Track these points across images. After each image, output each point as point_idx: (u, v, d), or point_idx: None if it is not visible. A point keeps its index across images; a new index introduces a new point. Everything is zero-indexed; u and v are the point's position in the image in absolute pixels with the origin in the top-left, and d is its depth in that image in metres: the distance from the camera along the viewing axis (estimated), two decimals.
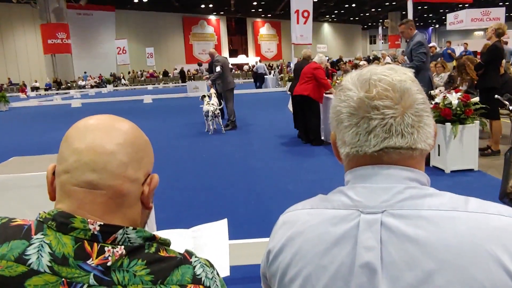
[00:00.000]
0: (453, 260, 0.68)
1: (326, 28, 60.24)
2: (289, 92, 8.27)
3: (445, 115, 5.19)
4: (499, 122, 6.09)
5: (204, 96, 9.40)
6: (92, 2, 35.45)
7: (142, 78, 37.64)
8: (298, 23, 16.00)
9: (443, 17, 38.63)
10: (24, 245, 0.70)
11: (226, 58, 10.48)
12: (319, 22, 55.29)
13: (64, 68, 31.09)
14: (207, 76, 10.09)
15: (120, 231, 0.74)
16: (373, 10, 49.67)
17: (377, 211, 0.74)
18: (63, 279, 0.69)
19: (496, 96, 5.77)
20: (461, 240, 0.69)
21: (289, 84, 16.45)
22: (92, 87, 32.67)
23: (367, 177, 0.78)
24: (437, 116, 5.25)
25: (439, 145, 5.35)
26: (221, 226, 1.75)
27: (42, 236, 0.71)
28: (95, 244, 0.71)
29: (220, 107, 9.26)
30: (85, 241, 0.71)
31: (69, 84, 31.20)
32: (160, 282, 0.72)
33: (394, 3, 42.74)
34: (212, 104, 9.08)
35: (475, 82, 7.00)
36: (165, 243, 0.80)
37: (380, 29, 43.11)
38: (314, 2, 17.19)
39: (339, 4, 45.32)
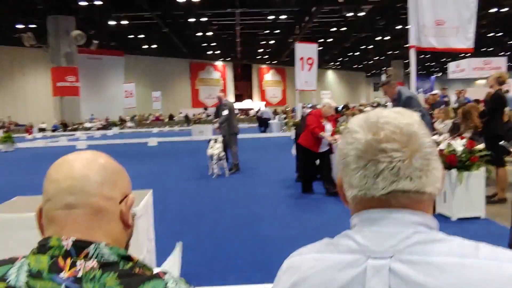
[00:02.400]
0: None
1: (330, 75, 61.38)
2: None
3: (450, 162, 5.17)
4: (505, 169, 6.05)
5: (210, 140, 9.49)
6: (103, 47, 36.44)
7: (148, 121, 38.11)
8: (302, 69, 16.30)
9: (445, 66, 39.35)
10: (8, 267, 0.78)
11: (232, 103, 10.65)
12: (323, 69, 56.38)
13: (71, 110, 31.53)
14: (215, 120, 10.23)
15: (92, 246, 0.80)
16: (376, 58, 50.71)
17: (385, 256, 0.72)
18: None
19: (501, 142, 5.77)
20: None
21: (293, 129, 16.59)
22: (98, 129, 33.03)
23: (374, 220, 0.77)
24: (442, 162, 5.22)
25: (445, 192, 5.29)
26: (176, 252, 1.80)
27: (24, 259, 0.79)
28: (69, 259, 0.78)
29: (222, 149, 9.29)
30: (60, 257, 0.78)
31: (75, 126, 31.55)
32: None
33: (396, 51, 43.69)
34: (217, 148, 9.13)
35: (479, 129, 7.02)
36: (144, 266, 0.84)
37: (383, 76, 43.87)
38: (318, 50, 17.60)
39: (343, 52, 46.38)
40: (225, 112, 9.39)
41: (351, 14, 28.88)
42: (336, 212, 5.85)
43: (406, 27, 7.31)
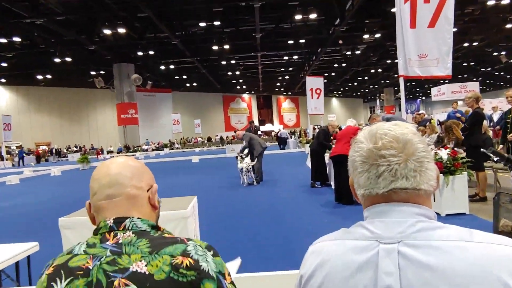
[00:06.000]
0: (465, 285, 0.63)
1: (334, 101, 61.04)
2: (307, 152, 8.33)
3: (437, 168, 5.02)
4: (484, 173, 5.84)
5: (237, 156, 9.47)
6: (155, 86, 37.32)
7: (191, 143, 38.58)
8: (312, 98, 16.34)
9: (428, 91, 38.60)
10: (74, 245, 0.90)
11: (255, 125, 10.53)
12: (328, 97, 56.14)
13: (132, 136, 32.22)
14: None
15: (128, 220, 0.89)
16: (371, 86, 50.25)
17: (393, 241, 0.71)
18: (90, 255, 0.85)
19: (482, 149, 5.58)
20: (471, 267, 0.64)
21: (307, 145, 16.49)
22: (153, 150, 33.62)
23: (383, 213, 0.75)
24: None
25: (434, 193, 5.13)
26: (234, 263, 1.69)
27: (86, 240, 0.89)
28: (112, 233, 0.87)
29: (252, 163, 9.24)
30: (106, 232, 0.88)
31: (135, 148, 32.20)
32: (155, 252, 0.83)
33: (387, 81, 43.15)
34: (246, 162, 9.11)
35: (460, 141, 6.81)
36: (170, 233, 0.91)
37: (377, 101, 43.33)
38: (324, 82, 17.60)
39: (343, 83, 46.17)
40: (244, 143, 9.40)
41: (349, 52, 28.81)
42: (344, 211, 5.75)
43: (395, 60, 7.21)
